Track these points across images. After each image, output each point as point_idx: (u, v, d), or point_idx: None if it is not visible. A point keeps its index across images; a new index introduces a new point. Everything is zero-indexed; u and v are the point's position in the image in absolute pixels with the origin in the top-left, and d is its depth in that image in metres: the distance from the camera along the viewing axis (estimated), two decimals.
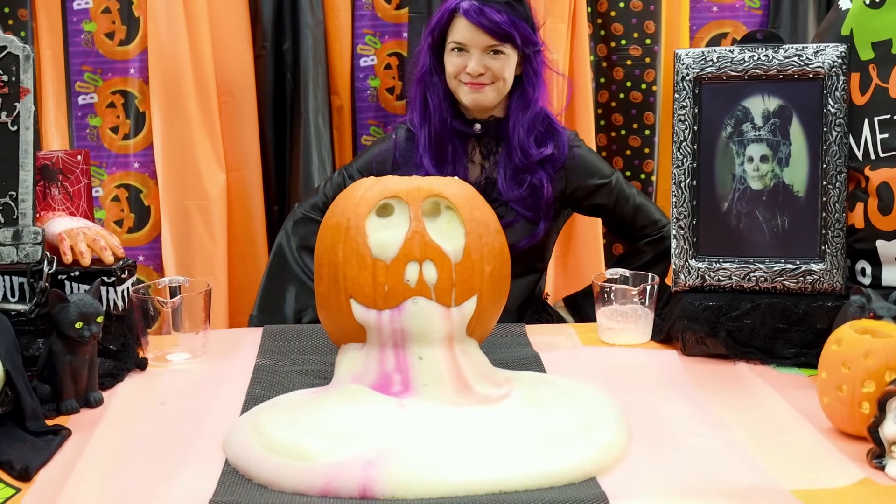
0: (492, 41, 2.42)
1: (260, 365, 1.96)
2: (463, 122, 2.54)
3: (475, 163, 2.57)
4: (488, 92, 2.46)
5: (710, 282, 1.99)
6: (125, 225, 3.31)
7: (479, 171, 2.56)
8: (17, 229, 1.88)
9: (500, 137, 2.54)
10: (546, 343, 2.09)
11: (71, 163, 2.24)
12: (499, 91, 2.47)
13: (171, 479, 1.45)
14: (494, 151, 2.56)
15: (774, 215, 1.98)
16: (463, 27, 2.43)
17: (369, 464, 1.39)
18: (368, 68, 3.32)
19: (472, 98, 2.47)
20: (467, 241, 1.68)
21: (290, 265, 2.57)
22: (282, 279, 2.57)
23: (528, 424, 1.53)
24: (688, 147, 2.00)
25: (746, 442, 1.55)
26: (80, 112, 3.23)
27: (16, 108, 1.91)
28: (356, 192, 1.74)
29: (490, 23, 2.39)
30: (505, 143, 2.52)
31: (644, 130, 3.34)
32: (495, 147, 2.55)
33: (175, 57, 3.16)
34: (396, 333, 1.64)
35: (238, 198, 3.31)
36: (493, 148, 2.56)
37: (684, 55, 2.01)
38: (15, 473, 1.46)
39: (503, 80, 2.46)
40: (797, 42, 3.09)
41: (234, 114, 3.28)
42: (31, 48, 1.93)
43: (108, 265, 1.94)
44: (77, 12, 3.18)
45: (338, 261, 1.67)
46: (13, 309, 1.86)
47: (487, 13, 2.39)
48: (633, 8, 3.29)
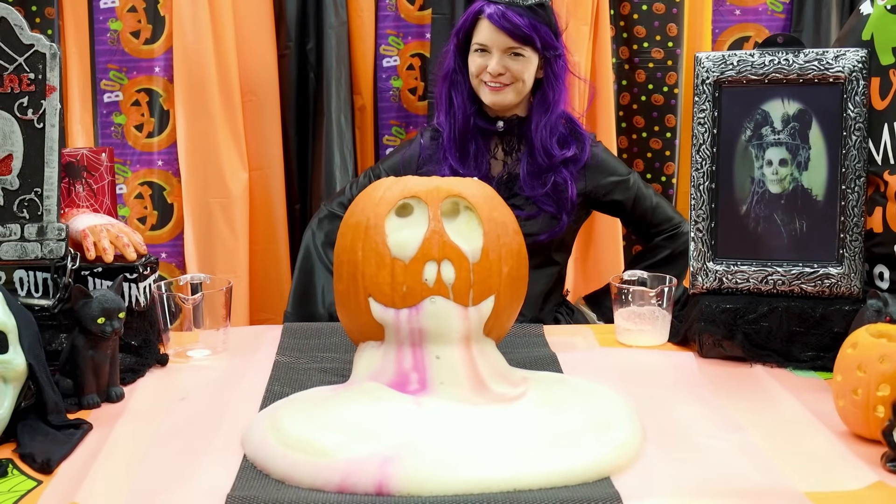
0: (512, 43, 2.48)
1: (279, 362, 1.98)
2: (486, 120, 2.60)
3: (498, 159, 2.63)
4: (508, 92, 2.53)
5: (727, 284, 2.00)
6: (148, 222, 3.34)
7: (501, 166, 2.63)
8: (41, 225, 1.91)
9: (521, 135, 2.60)
10: (563, 343, 2.10)
11: (96, 160, 2.27)
12: (518, 92, 2.54)
13: (191, 473, 1.46)
14: (517, 148, 2.62)
15: (793, 219, 1.98)
16: (486, 29, 2.50)
17: (386, 461, 1.40)
18: (391, 69, 3.34)
19: (492, 98, 2.54)
20: (485, 241, 1.69)
21: (317, 262, 2.62)
22: (311, 276, 2.62)
23: (544, 424, 1.53)
24: (707, 150, 2.00)
25: (761, 444, 1.55)
26: (105, 110, 3.26)
27: (42, 106, 1.93)
28: (376, 191, 1.75)
29: (511, 25, 2.46)
30: (527, 142, 2.57)
31: (665, 133, 3.35)
32: (517, 144, 2.62)
33: (200, 56, 3.19)
34: (414, 332, 1.65)
35: (260, 196, 3.33)
36: (515, 145, 2.62)
37: (704, 58, 2.01)
38: (36, 466, 1.47)
39: (522, 82, 2.53)
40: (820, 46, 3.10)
41: (258, 113, 3.30)
42: (58, 46, 1.95)
43: (131, 262, 1.96)
44: (103, 11, 3.22)
45: (357, 259, 1.69)
46: (37, 304, 1.88)
47: (509, 16, 2.46)
48: (656, 11, 3.30)
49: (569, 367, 1.94)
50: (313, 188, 3.33)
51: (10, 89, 1.94)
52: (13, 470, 1.47)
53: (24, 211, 1.92)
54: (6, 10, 1.95)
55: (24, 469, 1.48)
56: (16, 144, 1.93)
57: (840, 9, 3.29)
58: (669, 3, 3.29)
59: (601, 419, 1.55)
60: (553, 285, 2.68)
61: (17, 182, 1.92)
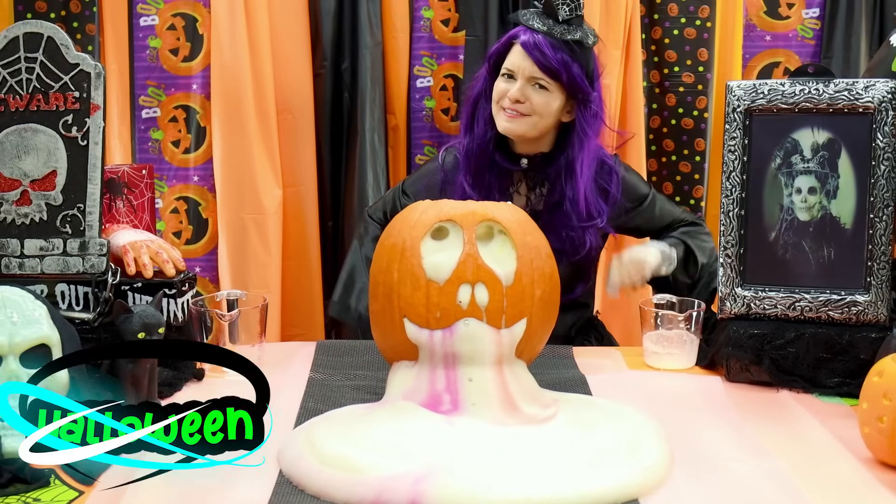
0: (538, 73, 2.39)
1: (313, 379, 2.01)
2: (509, 159, 2.52)
3: (521, 194, 2.56)
4: (522, 123, 2.42)
5: (755, 310, 2.02)
6: (183, 236, 3.37)
7: (524, 202, 2.55)
8: (83, 240, 1.95)
9: (546, 173, 2.51)
10: (592, 366, 2.12)
11: (136, 177, 2.30)
12: (532, 125, 2.43)
13: (227, 487, 1.49)
14: (540, 184, 2.54)
15: (821, 246, 2.00)
16: (516, 54, 2.42)
17: (419, 479, 1.43)
18: (424, 89, 3.36)
19: (506, 125, 2.44)
20: (519, 265, 1.72)
21: (359, 260, 2.62)
22: (353, 273, 2.61)
23: (573, 445, 1.56)
24: (737, 177, 2.03)
25: (787, 469, 1.57)
26: (143, 125, 3.31)
27: (86, 124, 1.97)
28: (412, 214, 1.78)
29: (540, 54, 2.37)
30: (557, 188, 2.48)
31: (695, 156, 3.36)
32: (541, 180, 2.53)
33: (236, 74, 3.22)
34: (448, 353, 1.68)
35: (293, 213, 3.36)
36: (539, 181, 2.54)
37: (736, 87, 2.03)
38: (78, 477, 1.50)
39: (539, 116, 2.42)
40: (849, 73, 3.12)
41: (292, 130, 3.33)
42: (102, 66, 2.00)
43: (170, 277, 2.00)
44: (143, 28, 3.26)
45: (393, 280, 1.72)
46: (77, 317, 1.92)
47: (542, 46, 2.37)
48: (687, 35, 3.31)
49: (598, 388, 1.96)
50: (346, 206, 3.35)
51: (55, 107, 1.98)
52: (55, 480, 1.50)
53: (66, 226, 1.96)
54: (53, 30, 1.99)
55: (66, 480, 1.50)
56: (60, 161, 1.97)
57: (870, 36, 3.29)
58: (701, 29, 3.31)
59: (630, 441, 1.57)
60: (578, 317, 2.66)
61: (61, 198, 1.97)
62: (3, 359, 1.59)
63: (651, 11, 3.35)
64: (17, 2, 3.22)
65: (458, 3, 3.31)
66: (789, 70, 3.25)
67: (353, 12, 3.28)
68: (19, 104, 1.99)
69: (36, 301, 1.68)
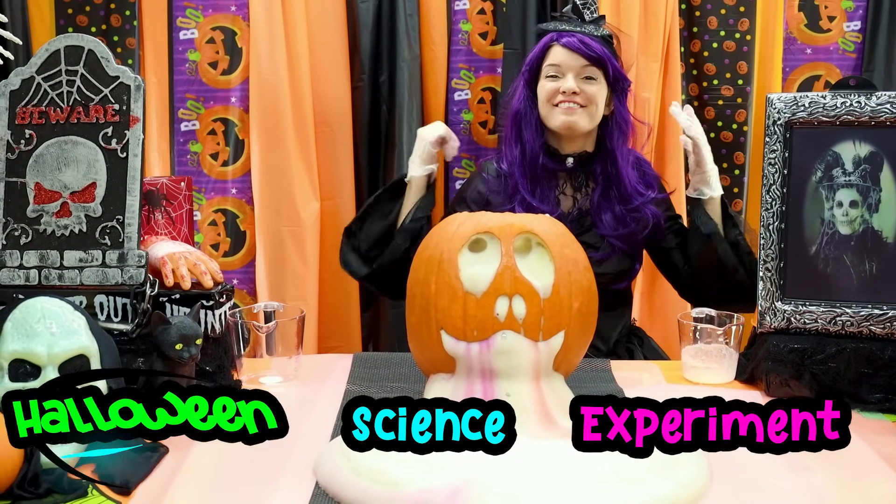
0: (586, 63, 2.50)
1: (350, 390, 2.01)
2: (553, 159, 2.59)
3: (567, 195, 2.62)
4: (581, 115, 2.52)
5: (795, 324, 2.00)
6: (221, 249, 3.39)
7: (571, 203, 2.62)
8: (122, 252, 1.96)
9: (590, 171, 2.60)
10: (630, 379, 2.11)
11: (175, 189, 2.32)
12: (590, 116, 2.53)
13: (264, 499, 1.50)
14: (585, 184, 2.62)
15: (862, 260, 1.98)
16: (558, 52, 2.53)
17: (456, 492, 1.43)
18: (462, 102, 3.36)
19: (565, 119, 2.52)
20: (556, 277, 1.71)
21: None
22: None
23: (610, 459, 1.54)
24: (777, 190, 2.01)
25: (828, 485, 1.56)
26: (182, 138, 3.32)
27: (125, 136, 1.98)
28: (449, 226, 1.78)
29: (587, 48, 2.49)
30: (602, 180, 2.58)
31: (734, 170, 3.35)
32: (586, 180, 2.62)
33: (275, 87, 3.23)
34: (485, 366, 1.67)
35: (331, 225, 3.36)
36: (583, 181, 2.62)
37: (776, 100, 2.02)
38: (116, 488, 1.52)
39: (595, 106, 2.53)
40: (892, 85, 3.09)
41: (330, 143, 3.34)
42: (142, 78, 2.01)
43: (208, 289, 2.01)
44: (182, 42, 3.28)
45: (430, 293, 1.71)
46: (116, 328, 1.93)
47: (585, 40, 2.50)
48: (727, 49, 3.30)
49: None
50: None
51: (95, 119, 1.99)
52: (93, 491, 1.51)
53: (105, 238, 1.97)
54: (94, 43, 2.01)
55: (104, 491, 1.51)
56: (99, 173, 1.98)
57: None
58: (740, 42, 3.29)
59: (668, 457, 1.56)
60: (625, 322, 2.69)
61: (100, 209, 1.98)
62: (42, 369, 1.60)
63: (690, 24, 3.34)
64: (59, 16, 3.26)
65: (497, 17, 3.31)
66: (830, 83, 3.23)
67: (392, 25, 3.28)
68: (60, 117, 2.00)
69: (75, 312, 1.69)
